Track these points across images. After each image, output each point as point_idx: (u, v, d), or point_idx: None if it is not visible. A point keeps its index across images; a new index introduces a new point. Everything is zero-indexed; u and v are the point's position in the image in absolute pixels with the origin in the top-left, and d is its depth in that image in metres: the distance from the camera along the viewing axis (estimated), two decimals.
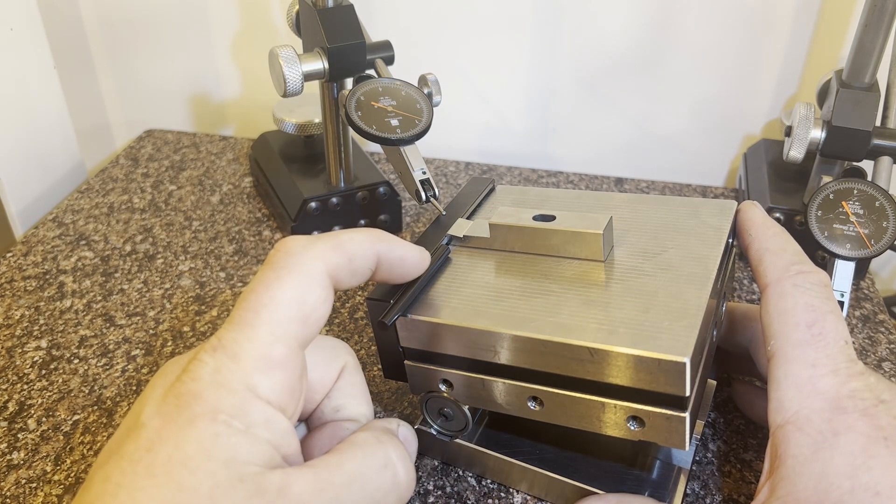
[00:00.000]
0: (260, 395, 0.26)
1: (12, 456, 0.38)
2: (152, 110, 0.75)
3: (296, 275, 0.28)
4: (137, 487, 0.24)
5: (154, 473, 0.25)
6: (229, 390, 0.26)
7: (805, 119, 0.46)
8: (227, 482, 0.25)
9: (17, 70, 0.59)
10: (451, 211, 0.39)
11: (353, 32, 0.47)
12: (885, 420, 0.28)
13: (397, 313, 0.32)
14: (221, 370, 0.26)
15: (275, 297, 0.27)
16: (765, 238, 0.34)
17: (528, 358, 0.31)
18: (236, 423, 0.26)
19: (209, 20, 0.69)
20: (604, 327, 0.30)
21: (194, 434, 0.25)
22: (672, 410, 0.29)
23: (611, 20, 0.61)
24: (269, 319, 0.27)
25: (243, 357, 0.27)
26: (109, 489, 0.25)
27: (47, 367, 0.43)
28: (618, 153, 0.67)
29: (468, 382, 0.33)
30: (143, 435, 0.26)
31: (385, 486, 0.29)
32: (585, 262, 0.34)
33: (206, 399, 0.26)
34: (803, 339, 0.30)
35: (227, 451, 0.25)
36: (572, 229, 0.34)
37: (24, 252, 0.54)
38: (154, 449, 0.25)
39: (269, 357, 0.27)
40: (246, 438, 0.26)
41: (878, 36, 0.45)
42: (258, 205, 0.59)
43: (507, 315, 0.31)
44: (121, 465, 0.25)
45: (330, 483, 0.27)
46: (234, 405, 0.26)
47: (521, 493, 0.36)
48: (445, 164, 0.66)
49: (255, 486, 0.25)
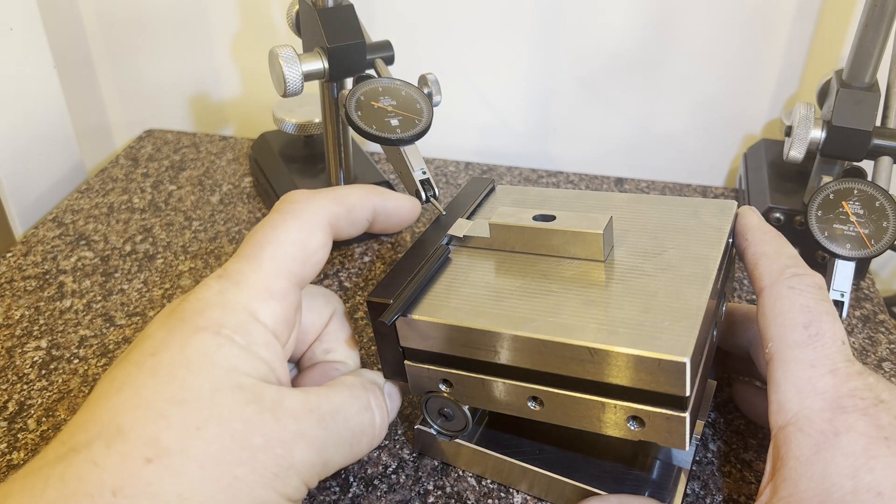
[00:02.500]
0: (259, 320, 0.29)
1: (12, 456, 0.38)
2: (152, 110, 0.75)
3: (299, 219, 0.31)
4: (141, 384, 0.26)
5: (157, 374, 0.27)
6: (233, 309, 0.28)
7: (805, 119, 0.46)
8: (227, 387, 0.27)
9: (17, 70, 0.59)
10: (452, 211, 0.39)
11: (353, 32, 0.47)
12: (886, 419, 0.28)
13: (397, 313, 0.32)
14: (225, 293, 0.29)
15: (279, 237, 0.30)
16: (760, 242, 0.34)
17: (527, 358, 0.31)
18: (238, 339, 0.28)
19: (209, 20, 0.69)
20: (604, 327, 0.29)
21: (197, 342, 0.27)
22: (672, 410, 0.29)
23: (611, 20, 0.61)
24: (273, 255, 0.30)
25: (247, 285, 0.29)
26: (115, 386, 0.27)
27: (47, 367, 0.43)
28: (618, 153, 0.67)
29: (468, 382, 0.33)
30: (148, 343, 0.28)
31: (362, 427, 0.31)
32: (585, 262, 0.34)
33: (211, 314, 0.28)
34: (801, 339, 0.30)
35: (228, 361, 0.27)
36: (572, 229, 0.34)
37: (24, 252, 0.54)
38: (158, 353, 0.27)
39: (270, 288, 0.29)
40: (246, 353, 0.28)
41: (878, 36, 0.45)
42: (258, 205, 0.59)
43: (507, 315, 0.31)
44: (125, 367, 0.27)
45: (318, 407, 0.29)
46: (236, 322, 0.28)
47: (521, 493, 0.36)
48: (445, 164, 0.66)
49: (251, 395, 0.27)
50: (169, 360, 0.27)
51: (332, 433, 0.29)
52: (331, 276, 0.51)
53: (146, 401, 0.26)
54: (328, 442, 0.29)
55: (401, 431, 0.39)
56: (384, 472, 0.37)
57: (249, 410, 0.27)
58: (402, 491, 0.36)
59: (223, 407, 0.26)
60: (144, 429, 0.26)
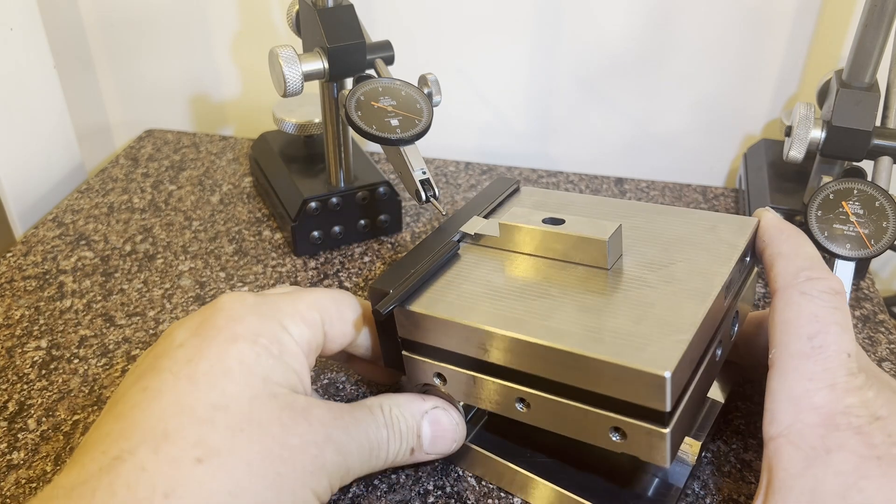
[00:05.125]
0: (292, 337, 0.31)
1: (12, 456, 0.38)
2: (152, 110, 0.75)
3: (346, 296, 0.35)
4: (181, 391, 0.27)
5: (196, 381, 0.27)
6: (268, 319, 0.30)
7: (805, 119, 0.46)
8: (264, 395, 0.28)
9: (17, 70, 0.59)
10: (470, 208, 0.39)
11: (353, 32, 0.47)
12: (879, 438, 0.28)
13: (392, 303, 0.32)
14: (261, 306, 0.31)
15: (328, 293, 0.34)
16: (778, 242, 0.33)
17: (515, 359, 0.31)
18: (273, 349, 0.29)
19: (209, 20, 0.69)
20: (591, 334, 0.29)
21: (236, 351, 0.28)
22: (653, 425, 0.28)
23: (611, 20, 0.61)
24: (312, 299, 0.33)
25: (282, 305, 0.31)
26: (150, 394, 0.27)
27: (47, 367, 0.43)
28: (618, 153, 0.67)
29: (459, 378, 0.33)
30: (182, 352, 0.28)
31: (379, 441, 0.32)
32: (590, 268, 0.34)
33: (248, 324, 0.29)
34: (803, 350, 0.29)
35: (265, 370, 0.29)
36: (579, 234, 0.33)
37: (24, 252, 0.54)
38: (195, 361, 0.28)
39: (303, 314, 0.32)
40: (279, 363, 0.29)
41: (878, 36, 0.45)
42: (258, 205, 0.59)
43: (500, 314, 0.31)
44: (159, 375, 0.28)
45: (342, 416, 0.31)
46: (271, 332, 0.30)
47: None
48: (445, 164, 0.66)
49: (284, 402, 0.29)
50: (208, 368, 0.28)
51: (354, 441, 0.31)
52: (331, 277, 0.51)
53: (189, 407, 0.27)
54: (351, 448, 0.30)
55: None
56: (384, 471, 0.37)
57: (285, 415, 0.28)
58: (402, 491, 0.36)
59: (262, 412, 0.28)
60: (191, 432, 0.26)
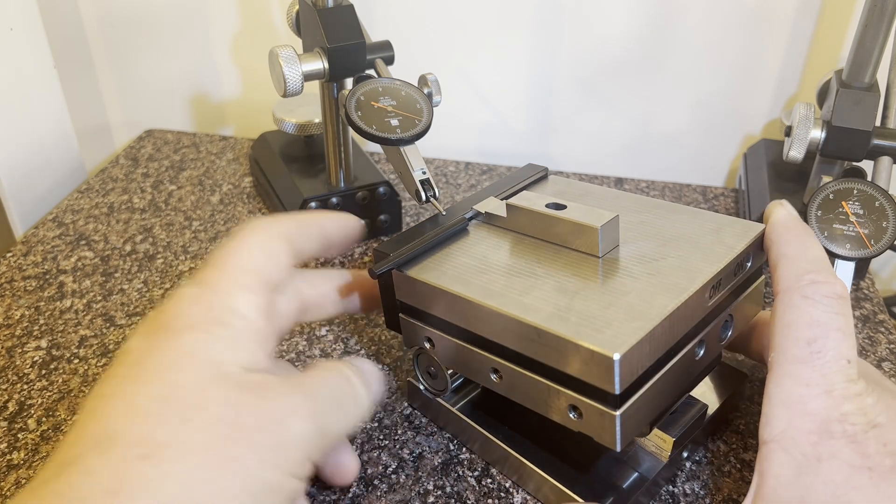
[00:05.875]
0: (239, 312, 0.29)
1: (12, 456, 0.38)
2: (152, 110, 0.75)
3: (256, 231, 0.32)
4: (128, 392, 0.27)
5: (145, 381, 0.27)
6: (210, 307, 0.29)
7: (805, 119, 0.46)
8: (214, 377, 0.27)
9: (17, 70, 0.59)
10: (494, 188, 0.41)
11: (353, 32, 0.47)
12: (873, 448, 0.27)
13: (387, 266, 0.34)
14: (202, 295, 0.29)
15: (241, 245, 0.31)
16: (784, 242, 0.33)
17: (489, 329, 0.32)
18: (220, 331, 0.29)
19: (209, 20, 0.69)
20: (559, 313, 0.30)
21: (179, 343, 0.28)
22: (604, 406, 0.29)
23: (611, 20, 0.61)
24: (239, 259, 0.31)
25: (220, 284, 0.30)
26: (103, 402, 0.27)
27: (47, 367, 0.43)
28: (618, 153, 0.67)
29: (445, 344, 0.35)
30: (131, 356, 0.28)
31: (344, 392, 0.31)
32: (583, 255, 0.35)
33: (190, 315, 0.29)
34: (801, 355, 0.29)
35: (211, 354, 0.28)
36: (573, 220, 0.34)
37: (24, 252, 0.54)
38: (142, 363, 0.28)
39: (242, 282, 0.30)
40: (227, 344, 0.29)
41: (878, 36, 0.45)
42: (258, 205, 0.59)
43: (481, 286, 0.33)
44: (111, 381, 0.28)
45: (301, 383, 0.30)
46: (216, 318, 0.29)
47: (521, 494, 0.36)
48: (445, 164, 0.66)
49: (238, 382, 0.28)
50: (154, 365, 0.27)
51: (319, 401, 0.30)
52: None
53: (135, 405, 0.26)
54: (318, 408, 0.29)
55: (400, 431, 0.39)
56: (384, 472, 0.37)
57: (238, 396, 0.27)
58: (402, 491, 0.36)
59: (209, 396, 0.27)
60: (134, 430, 0.26)
